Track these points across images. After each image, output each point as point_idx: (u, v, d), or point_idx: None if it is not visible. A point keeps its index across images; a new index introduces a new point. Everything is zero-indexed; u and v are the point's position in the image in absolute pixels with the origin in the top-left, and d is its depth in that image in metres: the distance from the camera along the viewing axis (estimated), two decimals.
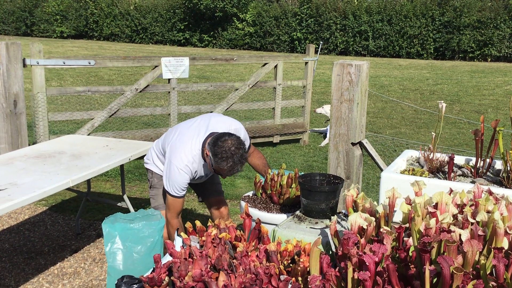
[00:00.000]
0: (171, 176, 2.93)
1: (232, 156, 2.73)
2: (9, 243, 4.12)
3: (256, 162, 3.27)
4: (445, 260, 1.44)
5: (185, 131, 3.05)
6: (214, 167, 2.81)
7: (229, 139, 2.77)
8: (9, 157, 3.63)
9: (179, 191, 2.96)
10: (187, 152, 2.93)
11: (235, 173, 2.84)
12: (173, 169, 2.93)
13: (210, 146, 2.80)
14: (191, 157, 2.92)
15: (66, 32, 26.67)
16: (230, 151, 2.73)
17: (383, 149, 6.54)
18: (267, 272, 1.67)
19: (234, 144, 2.75)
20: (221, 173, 2.85)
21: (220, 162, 2.74)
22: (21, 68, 5.15)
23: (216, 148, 2.75)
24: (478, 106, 10.62)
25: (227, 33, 23.94)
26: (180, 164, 2.91)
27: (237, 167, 2.78)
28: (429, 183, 2.13)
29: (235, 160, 2.75)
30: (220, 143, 2.75)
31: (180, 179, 2.92)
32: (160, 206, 3.31)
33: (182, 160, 2.91)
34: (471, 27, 20.41)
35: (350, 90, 3.17)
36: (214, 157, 2.76)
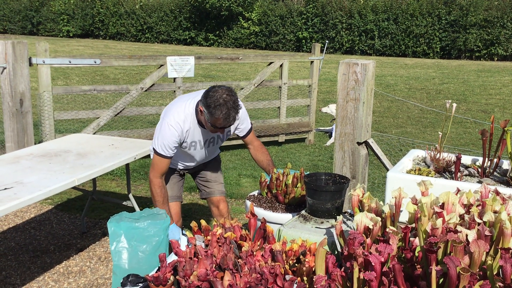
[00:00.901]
0: (161, 132, 2.93)
1: (225, 103, 2.73)
2: (15, 242, 4.14)
3: (260, 158, 3.25)
4: (451, 261, 1.43)
5: (180, 97, 3.11)
6: (210, 121, 2.79)
7: (219, 89, 2.78)
8: (15, 155, 3.64)
9: (165, 149, 2.93)
10: (180, 111, 2.94)
11: (231, 122, 2.82)
12: (164, 126, 2.93)
13: (202, 100, 2.81)
14: (183, 116, 2.92)
15: (72, 31, 26.76)
16: (222, 98, 2.73)
17: (389, 149, 6.52)
18: (272, 271, 1.66)
19: (225, 92, 2.76)
20: (218, 125, 2.82)
21: (215, 112, 2.73)
22: (27, 67, 5.17)
23: (208, 100, 2.75)
24: (484, 105, 10.57)
25: (232, 32, 23.93)
26: (171, 121, 2.91)
27: (232, 114, 2.77)
28: (435, 183, 2.12)
29: (229, 106, 2.74)
30: (211, 94, 2.76)
31: (168, 135, 2.90)
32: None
33: (174, 118, 2.92)
34: (477, 26, 20.31)
35: (356, 89, 3.16)
36: (208, 109, 2.76)
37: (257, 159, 3.26)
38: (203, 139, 3.08)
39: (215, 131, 2.92)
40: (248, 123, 3.24)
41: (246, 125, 3.22)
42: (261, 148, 3.28)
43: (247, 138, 3.26)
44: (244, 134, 3.23)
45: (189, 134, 3.00)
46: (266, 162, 3.21)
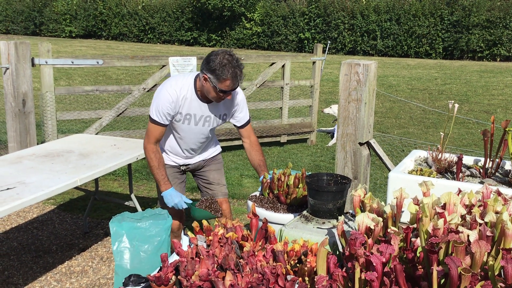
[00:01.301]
0: (156, 98, 2.91)
1: (229, 62, 2.73)
2: (18, 242, 4.15)
3: (254, 156, 3.18)
4: (453, 261, 1.43)
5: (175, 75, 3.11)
6: (218, 85, 2.76)
7: (219, 52, 2.78)
8: (18, 156, 3.65)
9: (160, 115, 2.91)
10: (178, 80, 2.95)
11: (240, 82, 2.80)
12: (160, 91, 2.92)
13: (205, 66, 2.79)
14: (180, 84, 2.92)
15: (74, 31, 26.82)
16: (225, 59, 2.73)
17: (390, 149, 6.51)
18: (273, 272, 1.67)
19: (226, 53, 2.76)
20: (226, 87, 2.78)
21: (222, 73, 2.72)
22: (30, 68, 5.18)
23: (211, 64, 2.75)
24: (487, 106, 10.56)
25: (234, 33, 23.95)
26: (167, 87, 2.90)
27: (238, 72, 2.76)
28: (437, 183, 2.12)
29: (234, 65, 2.74)
30: (212, 58, 2.76)
31: (164, 100, 2.87)
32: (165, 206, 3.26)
33: (171, 84, 2.91)
34: (480, 27, 20.29)
35: (358, 89, 3.16)
36: (213, 73, 2.75)
37: (250, 157, 3.21)
38: (199, 114, 3.01)
39: (221, 97, 2.87)
40: (247, 114, 3.19)
41: (245, 114, 3.17)
42: (257, 146, 3.23)
43: (244, 130, 3.20)
44: (242, 124, 3.18)
45: (185, 104, 2.95)
46: (258, 162, 3.16)
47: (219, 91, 2.81)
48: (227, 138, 6.65)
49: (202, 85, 2.87)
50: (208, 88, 2.84)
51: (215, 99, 2.91)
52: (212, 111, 3.04)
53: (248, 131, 3.22)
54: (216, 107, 3.04)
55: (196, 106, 2.98)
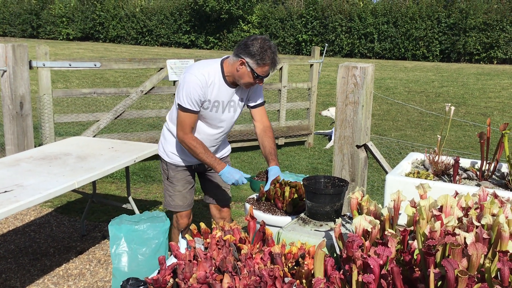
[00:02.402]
0: (185, 85, 2.80)
1: (269, 47, 2.71)
2: (15, 244, 4.14)
3: (266, 143, 3.09)
4: (449, 263, 1.44)
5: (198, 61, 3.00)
6: (256, 69, 2.73)
7: (258, 37, 2.75)
8: (15, 158, 3.65)
9: (192, 102, 2.80)
10: (203, 65, 2.87)
11: (276, 67, 2.79)
12: (187, 77, 2.81)
13: (243, 50, 2.74)
14: (207, 70, 2.83)
15: (72, 34, 26.82)
16: (266, 44, 2.71)
17: (388, 152, 6.53)
18: (271, 274, 1.67)
19: (265, 39, 2.74)
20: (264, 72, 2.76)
21: (262, 58, 2.69)
22: (27, 70, 5.18)
23: (251, 49, 2.70)
24: (484, 108, 10.59)
25: (232, 35, 23.99)
26: (195, 72, 2.81)
27: (277, 59, 2.74)
28: (434, 186, 2.12)
29: (273, 50, 2.71)
30: (252, 42, 2.72)
31: (193, 85, 2.77)
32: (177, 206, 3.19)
33: (198, 69, 2.83)
34: (477, 29, 20.37)
35: (355, 92, 3.17)
36: (253, 57, 2.70)
37: (262, 143, 3.11)
38: (226, 100, 2.93)
39: (255, 83, 2.84)
40: (262, 95, 3.12)
41: (260, 94, 3.10)
42: (270, 131, 3.13)
43: (257, 110, 3.10)
44: (256, 104, 3.09)
45: (214, 90, 2.86)
46: (269, 150, 3.07)
47: (256, 77, 2.77)
48: None
49: (236, 70, 2.80)
50: (243, 73, 2.79)
51: (247, 85, 2.86)
52: (235, 95, 2.98)
53: (261, 113, 3.12)
54: (239, 91, 2.97)
55: (224, 92, 2.90)
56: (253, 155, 6.69)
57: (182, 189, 3.19)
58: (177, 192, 3.18)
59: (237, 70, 2.79)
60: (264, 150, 3.10)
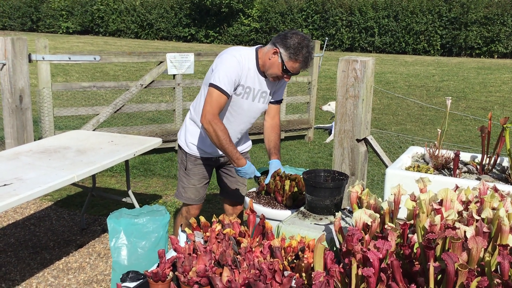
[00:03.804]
0: (223, 64, 2.73)
1: (307, 46, 2.68)
2: (15, 238, 4.14)
3: (271, 137, 3.08)
4: (449, 257, 1.43)
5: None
6: (286, 63, 2.69)
7: (299, 33, 2.73)
8: (15, 152, 3.65)
9: (227, 82, 2.71)
10: (239, 49, 2.84)
11: (308, 66, 2.75)
12: (226, 57, 2.75)
13: (280, 41, 2.71)
14: (243, 54, 2.80)
15: (72, 27, 26.75)
16: (304, 42, 2.68)
17: (388, 146, 6.52)
18: (271, 267, 1.67)
19: (304, 36, 2.71)
20: (293, 68, 2.72)
21: (296, 54, 2.66)
22: (27, 64, 5.16)
23: (289, 41, 2.67)
24: (484, 103, 10.57)
25: (232, 29, 23.93)
26: (234, 53, 2.77)
27: (310, 60, 2.71)
28: (434, 179, 2.12)
29: (310, 51, 2.69)
30: (292, 35, 2.69)
31: (232, 64, 2.72)
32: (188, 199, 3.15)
33: (236, 51, 2.79)
34: (478, 23, 20.31)
35: (356, 86, 3.16)
36: (288, 50, 2.67)
37: (267, 137, 3.10)
38: (257, 88, 2.89)
39: (281, 77, 2.80)
40: (283, 93, 3.11)
41: (283, 91, 3.10)
42: (278, 129, 3.13)
43: (273, 107, 3.09)
44: (276, 100, 3.08)
45: (249, 76, 2.82)
46: (273, 144, 3.07)
47: (284, 70, 2.73)
48: None
49: (268, 58, 2.77)
50: (273, 63, 2.75)
51: (274, 77, 2.82)
52: (267, 87, 2.94)
53: (276, 110, 3.12)
54: (270, 83, 2.95)
55: (256, 79, 2.87)
56: (254, 149, 6.68)
57: (196, 183, 3.15)
58: (191, 185, 3.14)
59: (269, 59, 2.76)
60: (269, 144, 3.09)
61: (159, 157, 6.23)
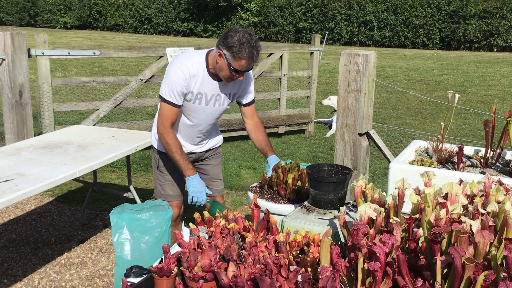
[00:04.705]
0: (168, 77, 2.79)
1: (248, 41, 2.64)
2: (16, 233, 4.14)
3: (259, 137, 3.10)
4: (456, 251, 1.43)
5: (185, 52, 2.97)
6: (233, 63, 2.68)
7: (238, 29, 2.70)
8: (16, 147, 3.63)
9: (174, 95, 2.78)
10: (188, 57, 2.84)
11: (255, 62, 2.72)
12: (171, 70, 2.79)
13: (222, 42, 2.69)
14: (190, 61, 2.80)
15: (69, 22, 26.64)
16: (245, 37, 2.65)
17: (388, 140, 6.51)
18: (276, 262, 1.66)
19: (246, 32, 2.68)
20: (240, 67, 2.70)
21: (239, 51, 2.63)
22: (26, 59, 5.14)
23: (228, 41, 2.65)
24: (484, 96, 10.57)
25: (231, 23, 23.86)
26: (178, 64, 2.79)
27: (255, 53, 2.68)
28: (438, 173, 2.12)
29: (252, 45, 2.65)
30: (231, 34, 2.67)
31: (176, 78, 2.76)
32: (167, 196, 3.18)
33: (181, 61, 2.80)
34: (477, 17, 20.27)
35: (358, 80, 3.16)
36: (230, 50, 2.65)
37: (254, 138, 3.12)
38: (210, 93, 2.89)
39: (233, 77, 2.78)
40: (253, 92, 3.11)
41: (251, 92, 3.08)
42: (261, 126, 3.14)
43: (248, 108, 3.10)
44: (247, 102, 3.08)
45: (197, 83, 2.83)
46: (264, 142, 3.09)
47: (233, 70, 2.72)
48: (225, 129, 6.63)
49: (216, 62, 2.76)
50: (221, 66, 2.74)
51: (226, 78, 2.81)
52: (223, 90, 2.93)
53: (252, 110, 3.12)
54: (226, 86, 2.93)
55: (207, 84, 2.86)
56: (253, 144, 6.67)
57: (172, 178, 3.16)
58: (168, 181, 3.16)
59: (217, 62, 2.76)
60: (260, 143, 3.10)
61: None
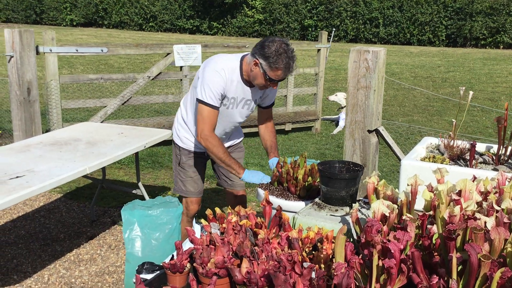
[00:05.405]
0: (205, 80, 2.77)
1: (285, 52, 2.65)
2: (25, 230, 4.16)
3: (267, 137, 3.15)
4: (473, 248, 1.42)
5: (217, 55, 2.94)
6: (269, 72, 2.68)
7: (276, 39, 2.69)
8: (25, 144, 3.65)
9: (214, 98, 2.76)
10: (224, 60, 2.83)
11: (290, 73, 2.73)
12: (208, 73, 2.77)
13: (258, 51, 2.69)
14: (227, 65, 2.80)
15: (75, 20, 26.68)
16: (282, 48, 2.65)
17: (396, 137, 6.50)
18: (290, 259, 1.66)
19: (283, 42, 2.68)
20: (276, 77, 2.71)
21: (275, 62, 2.64)
22: (34, 56, 5.15)
23: (266, 50, 2.65)
24: (491, 93, 10.52)
25: (236, 21, 23.83)
26: (216, 67, 2.77)
27: (292, 64, 2.69)
28: (451, 170, 2.10)
29: (289, 56, 2.66)
30: (268, 44, 2.66)
31: (215, 80, 2.75)
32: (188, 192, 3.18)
33: (218, 64, 2.79)
34: (483, 14, 20.16)
35: (367, 76, 3.15)
36: (267, 60, 2.65)
37: (264, 137, 3.17)
38: (240, 97, 2.91)
39: (267, 86, 2.79)
40: (274, 96, 3.13)
41: (273, 96, 3.11)
42: (272, 128, 3.19)
43: (265, 111, 3.14)
44: (267, 106, 3.12)
45: (232, 87, 2.84)
46: (270, 143, 3.14)
47: (268, 79, 2.73)
48: None
49: (251, 70, 2.77)
50: (256, 74, 2.75)
51: (260, 86, 2.82)
52: (253, 95, 2.96)
53: (269, 113, 3.17)
54: (256, 91, 2.95)
55: (240, 89, 2.88)
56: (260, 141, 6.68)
57: (193, 175, 3.19)
58: (189, 178, 3.18)
59: (251, 70, 2.77)
60: (265, 143, 3.16)
61: (166, 149, 6.22)
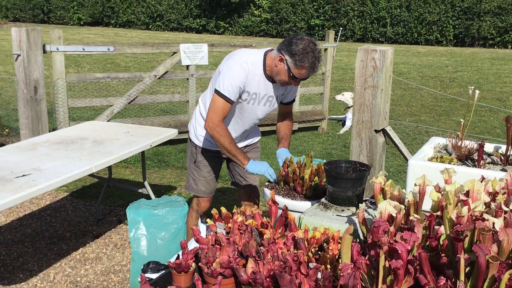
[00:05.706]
0: (228, 71, 2.73)
1: (312, 51, 2.63)
2: (31, 228, 4.17)
3: (282, 129, 3.14)
4: (481, 249, 1.41)
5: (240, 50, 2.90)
6: (294, 70, 2.66)
7: (304, 37, 2.68)
8: (32, 142, 3.66)
9: (230, 89, 2.71)
10: (248, 54, 2.81)
11: (315, 72, 2.71)
12: (231, 64, 2.74)
13: (285, 47, 2.67)
14: (250, 59, 2.77)
15: (82, 19, 26.77)
16: (309, 47, 2.63)
17: (403, 137, 6.46)
18: (296, 259, 1.65)
19: (311, 41, 2.66)
20: (300, 75, 2.69)
21: (303, 59, 2.62)
22: (41, 55, 5.16)
23: (293, 47, 2.63)
24: (499, 93, 10.44)
25: (243, 20, 23.80)
26: (239, 60, 2.75)
27: (317, 64, 2.67)
28: (459, 170, 2.08)
29: (316, 55, 2.64)
30: (297, 41, 2.64)
31: (236, 73, 2.71)
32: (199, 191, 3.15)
33: (241, 57, 2.77)
34: (491, 13, 20.02)
35: (374, 76, 3.13)
36: (293, 57, 2.63)
37: (279, 130, 3.16)
38: (263, 93, 2.87)
39: (289, 83, 2.78)
40: (296, 92, 3.12)
41: (295, 92, 3.10)
42: (290, 123, 3.19)
43: (286, 107, 3.13)
44: (288, 101, 3.11)
45: (254, 81, 2.81)
46: (282, 134, 3.13)
47: (291, 77, 2.71)
48: None
49: (275, 65, 2.75)
50: (280, 70, 2.73)
51: (283, 83, 2.80)
52: (275, 91, 2.93)
53: (289, 109, 3.16)
54: (278, 87, 2.93)
55: (262, 85, 2.85)
56: (267, 141, 6.66)
57: (207, 175, 3.16)
58: (202, 177, 3.15)
59: (276, 66, 2.75)
60: (278, 134, 3.17)
61: (172, 148, 6.23)
